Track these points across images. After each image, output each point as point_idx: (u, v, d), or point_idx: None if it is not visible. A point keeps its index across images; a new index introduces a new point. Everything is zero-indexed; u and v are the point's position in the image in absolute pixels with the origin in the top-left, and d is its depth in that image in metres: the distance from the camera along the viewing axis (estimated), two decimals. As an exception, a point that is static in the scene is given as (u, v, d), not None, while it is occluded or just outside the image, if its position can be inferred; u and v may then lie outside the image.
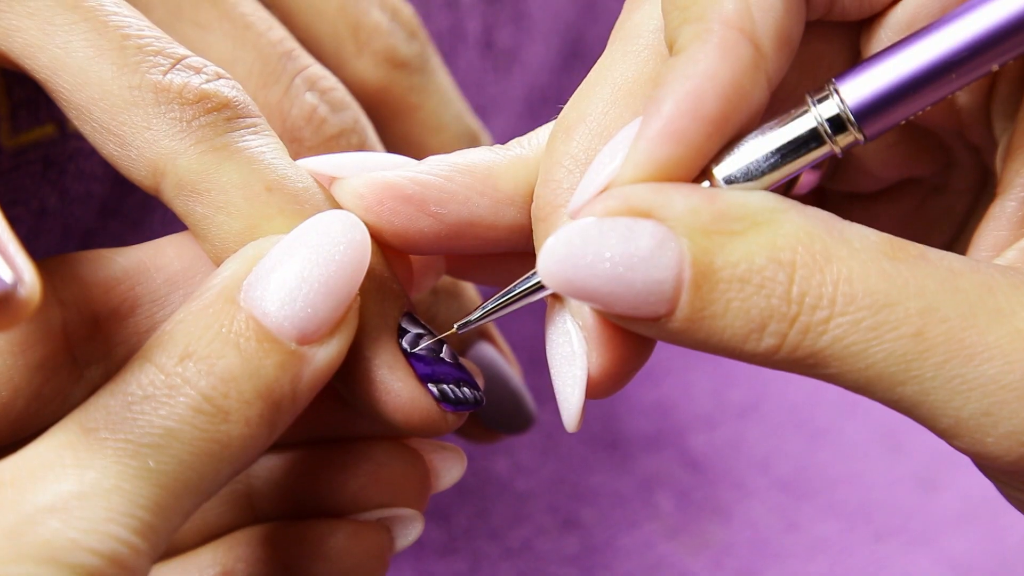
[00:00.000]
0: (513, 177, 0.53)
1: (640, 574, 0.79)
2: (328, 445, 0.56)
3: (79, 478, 0.44)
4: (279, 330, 0.48)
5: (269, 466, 0.57)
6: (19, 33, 0.51)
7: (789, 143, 0.48)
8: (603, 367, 0.50)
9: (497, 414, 0.70)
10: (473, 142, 0.70)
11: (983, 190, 0.57)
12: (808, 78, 0.53)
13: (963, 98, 0.52)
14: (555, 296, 0.51)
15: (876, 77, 0.48)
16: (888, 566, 0.81)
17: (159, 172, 0.51)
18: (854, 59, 0.53)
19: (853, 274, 0.45)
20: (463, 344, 0.69)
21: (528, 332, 0.87)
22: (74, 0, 0.51)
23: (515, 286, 0.51)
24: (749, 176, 0.48)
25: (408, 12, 0.68)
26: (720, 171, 0.48)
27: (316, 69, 0.62)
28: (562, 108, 0.52)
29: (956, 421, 0.45)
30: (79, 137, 0.63)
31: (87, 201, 0.66)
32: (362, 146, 0.63)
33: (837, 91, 0.48)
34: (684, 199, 0.46)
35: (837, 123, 0.48)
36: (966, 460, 0.83)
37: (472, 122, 0.71)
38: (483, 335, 0.70)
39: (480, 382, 0.55)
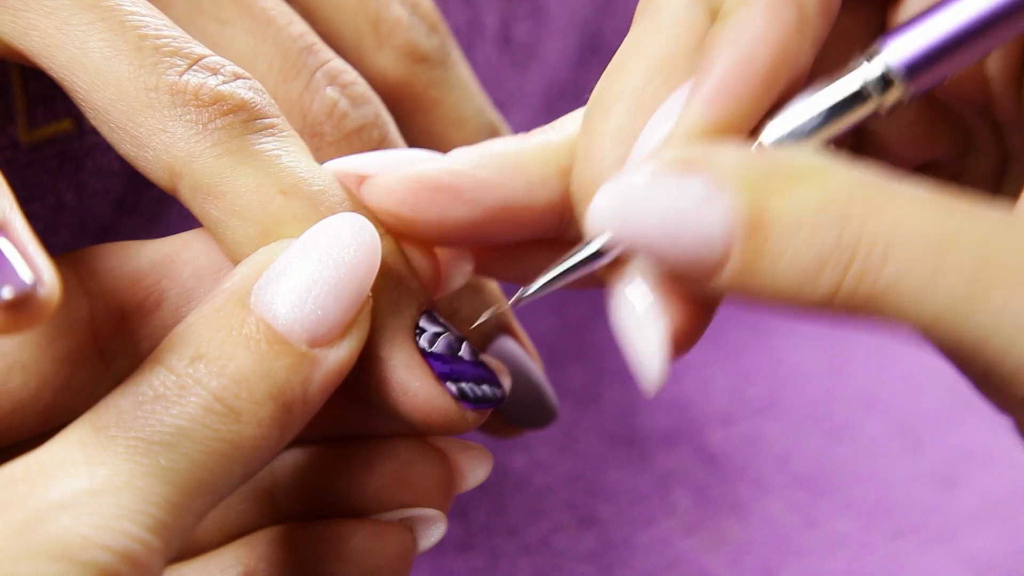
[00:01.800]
0: (542, 161, 0.53)
1: (658, 571, 0.79)
2: (352, 443, 0.56)
3: (90, 475, 0.44)
4: (289, 333, 0.48)
5: (292, 463, 0.57)
6: (37, 32, 0.51)
7: (836, 104, 0.48)
8: (676, 325, 0.49)
9: (518, 409, 0.70)
10: (495, 135, 0.69)
11: (1003, 178, 0.57)
12: (833, 52, 0.53)
13: (994, 67, 0.52)
14: (613, 265, 0.51)
15: (920, 35, 0.48)
16: (907, 563, 0.81)
17: (175, 174, 0.51)
18: (880, 32, 0.53)
19: (907, 219, 0.44)
20: (484, 339, 0.69)
21: (547, 327, 0.87)
22: (92, -1, 0.51)
23: (570, 255, 0.51)
24: (795, 138, 0.48)
25: (428, 6, 0.68)
26: (766, 135, 0.48)
27: (337, 63, 0.62)
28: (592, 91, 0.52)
29: (1019, 363, 0.43)
30: (96, 132, 0.63)
31: (104, 197, 0.66)
32: (383, 140, 0.62)
33: (881, 51, 0.48)
34: (734, 154, 0.46)
35: (883, 81, 0.48)
36: (986, 457, 0.83)
37: (493, 116, 0.71)
38: (504, 329, 0.70)
39: (506, 380, 0.55)
